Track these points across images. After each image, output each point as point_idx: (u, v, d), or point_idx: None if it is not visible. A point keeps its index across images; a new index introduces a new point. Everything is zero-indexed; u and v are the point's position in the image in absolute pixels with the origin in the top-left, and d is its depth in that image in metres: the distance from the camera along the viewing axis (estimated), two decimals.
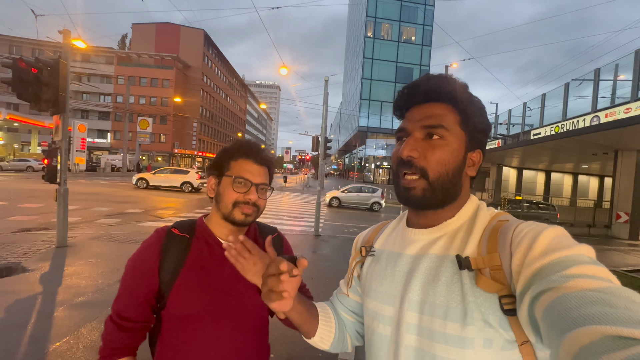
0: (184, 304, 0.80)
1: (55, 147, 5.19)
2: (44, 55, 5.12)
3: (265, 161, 0.89)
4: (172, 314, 0.81)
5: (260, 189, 0.87)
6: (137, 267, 0.83)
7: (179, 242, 0.84)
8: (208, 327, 0.81)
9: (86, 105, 41.57)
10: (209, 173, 0.90)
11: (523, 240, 0.48)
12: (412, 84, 0.62)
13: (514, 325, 0.47)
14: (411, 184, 0.57)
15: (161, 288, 0.81)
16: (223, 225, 0.87)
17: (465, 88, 0.60)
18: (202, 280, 0.82)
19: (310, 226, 8.86)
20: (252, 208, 0.84)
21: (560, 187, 22.33)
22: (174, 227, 0.87)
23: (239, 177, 0.84)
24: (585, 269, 0.40)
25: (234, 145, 0.90)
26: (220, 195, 0.85)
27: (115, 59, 43.61)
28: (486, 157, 1.99)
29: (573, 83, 15.26)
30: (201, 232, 0.88)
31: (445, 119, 0.57)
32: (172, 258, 0.82)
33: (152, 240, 0.85)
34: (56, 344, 2.49)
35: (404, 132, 0.60)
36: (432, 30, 40.57)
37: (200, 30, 48.30)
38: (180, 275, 0.81)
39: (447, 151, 0.57)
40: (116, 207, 9.44)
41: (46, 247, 4.98)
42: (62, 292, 3.44)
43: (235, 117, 69.66)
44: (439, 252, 0.57)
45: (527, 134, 17.78)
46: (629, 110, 10.67)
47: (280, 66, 13.00)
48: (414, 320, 0.55)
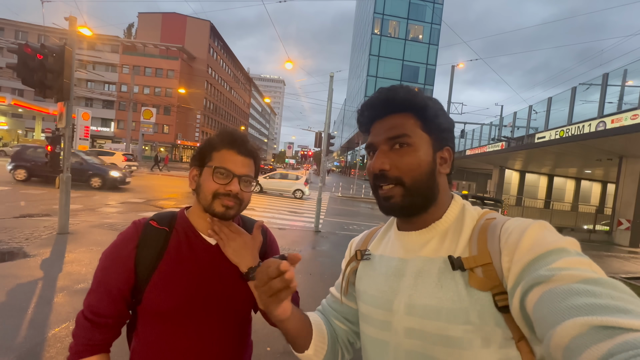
0: (161, 300, 0.76)
1: (59, 134, 5.21)
2: (50, 42, 5.11)
3: (250, 152, 0.84)
4: (149, 310, 0.77)
5: (243, 181, 0.82)
6: (111, 261, 0.79)
7: (157, 235, 0.81)
8: (187, 323, 0.78)
9: (90, 94, 41.55)
10: (191, 164, 0.86)
11: (510, 236, 0.49)
12: (368, 101, 0.64)
13: (509, 323, 0.48)
14: (389, 193, 0.58)
15: (137, 283, 0.78)
16: (204, 218, 0.83)
17: (418, 94, 0.61)
18: (181, 276, 0.78)
19: (310, 222, 8.88)
20: (233, 200, 0.80)
21: (562, 192, 22.21)
22: (152, 219, 0.83)
23: (220, 167, 0.80)
24: (570, 261, 0.41)
25: (218, 135, 0.85)
26: (201, 187, 0.81)
27: (120, 48, 43.48)
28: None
29: (580, 87, 15.11)
30: (181, 225, 0.84)
31: (407, 127, 0.59)
32: (149, 252, 0.78)
33: (128, 232, 0.82)
34: (55, 329, 2.53)
35: (372, 147, 0.63)
36: (440, 29, 40.17)
37: (207, 22, 48.03)
38: (157, 270, 0.77)
39: (415, 156, 0.58)
40: (117, 196, 9.49)
41: (47, 234, 5.02)
42: (62, 279, 3.47)
43: (239, 110, 69.52)
44: (430, 254, 0.57)
45: (532, 137, 17.66)
46: (636, 116, 10.56)
47: (286, 60, 12.94)
48: (409, 324, 0.55)
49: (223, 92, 57.22)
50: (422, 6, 39.48)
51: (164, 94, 43.56)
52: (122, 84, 42.66)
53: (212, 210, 0.80)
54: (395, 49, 39.88)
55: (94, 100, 43.10)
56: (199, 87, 46.67)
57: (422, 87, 39.82)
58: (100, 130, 42.82)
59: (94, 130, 38.29)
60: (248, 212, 1.15)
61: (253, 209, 10.15)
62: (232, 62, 61.64)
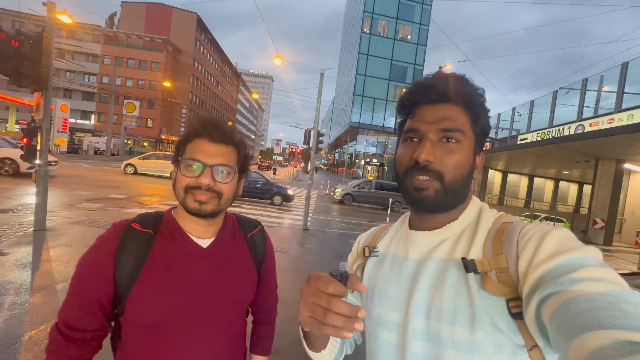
0: (146, 310, 0.69)
1: (36, 126, 4.95)
2: (26, 29, 4.83)
3: (224, 138, 0.75)
4: (132, 321, 0.71)
5: (217, 171, 0.73)
6: (88, 268, 0.71)
7: (140, 239, 0.73)
8: (174, 335, 0.72)
9: (70, 84, 39.78)
10: (172, 162, 0.79)
11: (529, 242, 0.48)
12: (426, 81, 0.58)
13: (522, 329, 0.46)
14: (424, 184, 0.55)
15: (117, 292, 0.70)
16: (190, 218, 0.76)
17: (478, 89, 0.58)
18: (167, 283, 0.71)
19: (298, 220, 8.84)
20: (207, 194, 0.72)
21: (542, 192, 23.05)
22: (134, 221, 0.75)
23: (187, 158, 0.72)
24: (593, 271, 0.39)
25: (189, 124, 0.78)
26: (175, 183, 0.74)
27: (102, 38, 41.84)
28: None
29: (561, 91, 15.67)
30: (167, 227, 0.76)
31: (460, 122, 0.56)
32: (129, 257, 0.71)
33: (106, 236, 0.73)
34: (32, 331, 2.40)
35: (416, 133, 0.57)
36: (428, 29, 40.64)
37: (194, 14, 46.84)
38: (140, 278, 0.70)
39: (463, 155, 0.55)
40: (99, 192, 9.15)
41: (23, 231, 4.78)
42: (39, 278, 3.30)
43: (226, 106, 68.37)
44: (443, 255, 0.56)
45: (514, 139, 18.22)
46: (612, 120, 11.05)
47: (275, 56, 12.78)
48: (420, 326, 0.54)
49: (210, 86, 56.11)
50: (411, 6, 39.83)
51: (148, 86, 42.26)
52: (103, 75, 41.09)
53: (187, 207, 0.73)
54: (384, 48, 40.11)
55: (73, 92, 41.33)
56: (185, 81, 45.56)
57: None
58: (80, 122, 41.18)
59: (72, 123, 36.79)
60: (235, 211, 1.10)
61: (240, 207, 10.02)
62: (220, 56, 60.49)
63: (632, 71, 11.21)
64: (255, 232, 0.91)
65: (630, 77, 11.21)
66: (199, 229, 0.78)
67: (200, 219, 0.76)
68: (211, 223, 0.79)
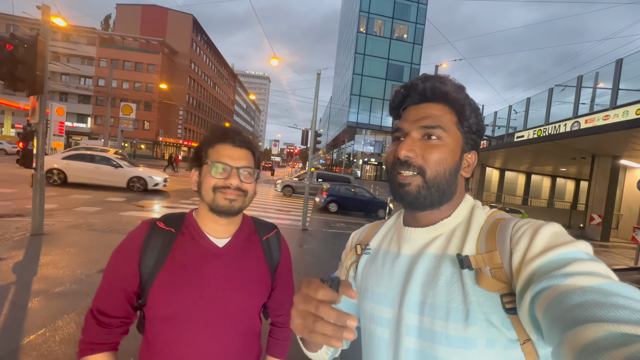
0: (164, 303, 0.75)
1: (32, 130, 4.93)
2: (20, 32, 4.81)
3: (245, 143, 0.84)
4: (153, 313, 0.77)
5: (242, 173, 0.81)
6: (117, 260, 0.79)
7: (163, 236, 0.80)
8: (188, 329, 0.76)
9: (65, 87, 39.58)
10: (191, 166, 0.86)
11: (522, 237, 0.48)
12: (409, 83, 0.61)
13: (515, 324, 0.47)
14: (407, 180, 0.56)
15: (141, 284, 0.77)
16: (211, 218, 0.82)
17: (461, 89, 0.60)
18: (184, 280, 0.77)
19: (297, 220, 8.84)
20: (235, 192, 0.80)
21: (539, 189, 23.15)
22: (160, 220, 0.83)
23: (216, 162, 0.80)
24: (585, 265, 0.40)
25: (210, 131, 0.86)
26: (201, 184, 0.81)
27: (97, 40, 41.62)
28: None
29: (556, 89, 15.74)
30: (188, 227, 0.83)
31: (443, 120, 0.57)
32: (153, 253, 0.77)
33: (134, 232, 0.81)
34: (31, 336, 2.39)
35: (401, 131, 0.60)
36: (424, 29, 40.73)
37: (189, 15, 46.69)
38: (160, 273, 0.76)
39: (444, 151, 0.57)
40: (96, 195, 9.12)
41: (20, 235, 4.76)
42: (37, 282, 3.29)
43: (223, 107, 68.22)
44: (437, 251, 0.56)
45: (511, 136, 18.28)
46: (607, 117, 11.12)
47: (272, 57, 12.77)
48: (414, 322, 0.54)
49: (206, 88, 55.96)
50: (407, 6, 39.89)
51: (144, 89, 42.08)
52: (99, 77, 40.87)
53: (217, 205, 0.79)
54: (381, 47, 40.15)
55: (69, 95, 41.15)
56: (182, 83, 45.40)
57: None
58: (76, 126, 40.96)
59: (69, 126, 36.58)
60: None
61: None
62: (216, 58, 60.35)
63: (626, 68, 11.29)
64: (271, 236, 0.95)
65: (624, 73, 11.29)
66: (218, 229, 0.84)
67: (220, 219, 0.82)
68: (230, 222, 0.84)
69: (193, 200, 10.21)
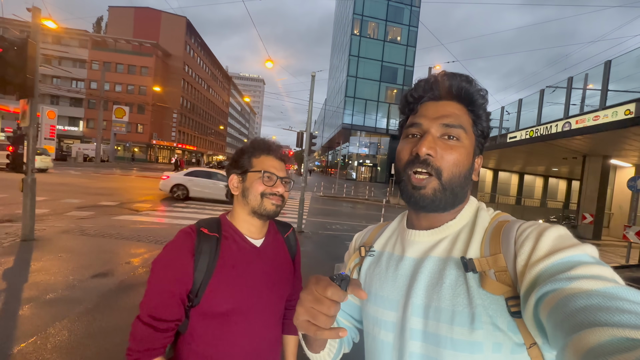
0: (218, 302, 0.83)
1: (22, 134, 4.85)
2: (10, 35, 4.74)
3: (283, 157, 0.98)
4: (206, 312, 0.84)
5: (284, 182, 0.95)
6: (170, 268, 0.83)
7: (210, 241, 0.86)
8: (241, 321, 0.86)
9: (57, 90, 39.04)
10: (231, 172, 0.95)
11: (527, 240, 0.48)
12: (430, 78, 0.59)
13: (521, 328, 0.46)
14: (422, 183, 0.54)
15: (194, 287, 0.83)
16: (249, 221, 0.93)
17: (482, 90, 0.58)
18: (234, 278, 0.86)
19: (293, 222, 8.82)
20: (279, 199, 0.92)
21: (532, 189, 23.44)
22: (202, 226, 0.88)
23: (267, 171, 0.91)
24: (590, 269, 0.39)
25: (253, 143, 0.97)
26: (248, 190, 0.91)
27: (89, 43, 41.18)
28: None
29: (547, 90, 15.97)
30: (227, 231, 0.91)
31: (462, 120, 0.56)
32: (205, 258, 0.84)
33: (182, 240, 0.86)
34: (21, 344, 2.34)
35: (418, 127, 0.57)
36: (417, 31, 41.09)
37: (183, 18, 46.51)
38: (214, 274, 0.84)
39: (462, 153, 0.55)
40: (89, 199, 8.99)
41: (10, 241, 4.66)
42: (28, 289, 3.22)
43: (218, 110, 67.94)
44: (441, 254, 0.56)
45: (504, 137, 18.47)
46: (597, 117, 11.30)
47: (266, 59, 12.76)
48: (418, 326, 0.53)
49: (201, 90, 55.69)
50: (400, 8, 40.23)
51: (138, 91, 41.73)
52: (91, 80, 40.40)
53: (264, 209, 0.90)
54: (375, 49, 40.40)
55: (60, 98, 40.57)
56: (175, 85, 45.14)
57: (401, 88, 40.72)
58: (68, 129, 40.40)
59: (60, 130, 36.09)
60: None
61: None
62: (210, 60, 60.14)
63: (615, 69, 11.50)
64: (290, 233, 1.08)
65: (613, 75, 11.51)
66: (254, 231, 0.94)
67: (258, 221, 0.93)
68: (264, 225, 0.96)
69: (200, 205, 10.12)
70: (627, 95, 10.96)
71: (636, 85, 10.79)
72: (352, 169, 44.00)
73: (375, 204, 17.50)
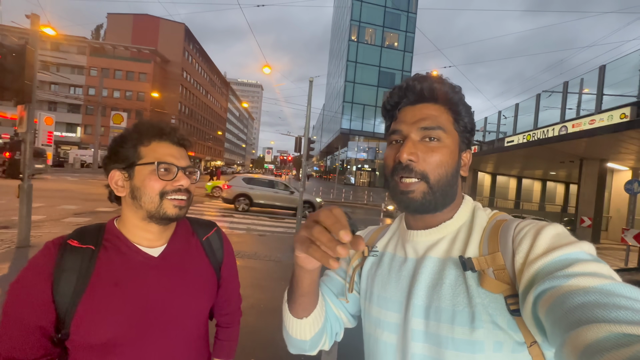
0: (94, 331, 0.64)
1: (19, 140, 4.83)
2: (8, 41, 4.75)
3: (184, 141, 0.77)
4: (80, 344, 0.65)
5: (188, 173, 0.74)
6: (23, 294, 0.64)
7: (80, 256, 0.67)
8: (129, 351, 0.67)
9: (54, 97, 39.08)
10: (110, 167, 0.73)
11: (524, 239, 0.48)
12: (405, 83, 0.60)
13: (521, 326, 0.47)
14: (410, 187, 0.55)
15: (60, 315, 0.64)
16: (143, 227, 0.72)
17: (456, 88, 0.59)
18: (118, 299, 0.67)
19: (291, 227, 8.78)
20: (184, 194, 0.72)
21: (530, 193, 23.52)
22: (71, 237, 0.70)
23: (163, 162, 0.70)
24: (587, 266, 0.40)
25: (138, 127, 0.73)
26: (139, 189, 0.70)
27: (88, 49, 41.39)
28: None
29: (544, 94, 16.12)
30: (111, 240, 0.71)
31: (441, 120, 0.56)
32: (70, 277, 0.65)
33: (39, 257, 0.66)
34: None
35: (399, 133, 0.58)
36: (414, 37, 41.58)
37: (181, 24, 46.89)
38: (84, 297, 0.65)
39: (445, 153, 0.56)
40: (86, 205, 8.93)
41: (5, 248, 4.61)
42: None
43: (216, 115, 68.13)
44: (440, 254, 0.56)
45: (502, 141, 18.58)
46: (593, 121, 11.39)
47: (264, 65, 12.84)
48: (420, 327, 0.53)
49: (199, 96, 55.90)
50: (397, 15, 40.77)
51: (136, 97, 41.84)
52: (89, 87, 40.56)
53: (164, 214, 0.70)
54: (372, 55, 40.80)
55: (58, 104, 40.65)
56: (174, 91, 45.31)
57: None
58: (65, 135, 40.36)
59: (58, 136, 36.00)
60: (228, 220, 1.06)
61: (232, 215, 9.90)
62: (209, 66, 60.49)
63: (610, 74, 11.65)
64: (211, 234, 0.88)
65: (608, 79, 11.65)
66: (150, 238, 0.74)
67: (153, 227, 0.73)
68: (164, 229, 0.76)
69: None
70: (622, 100, 11.08)
71: (631, 89, 10.91)
72: (351, 174, 44.06)
73: (374, 208, 17.48)
